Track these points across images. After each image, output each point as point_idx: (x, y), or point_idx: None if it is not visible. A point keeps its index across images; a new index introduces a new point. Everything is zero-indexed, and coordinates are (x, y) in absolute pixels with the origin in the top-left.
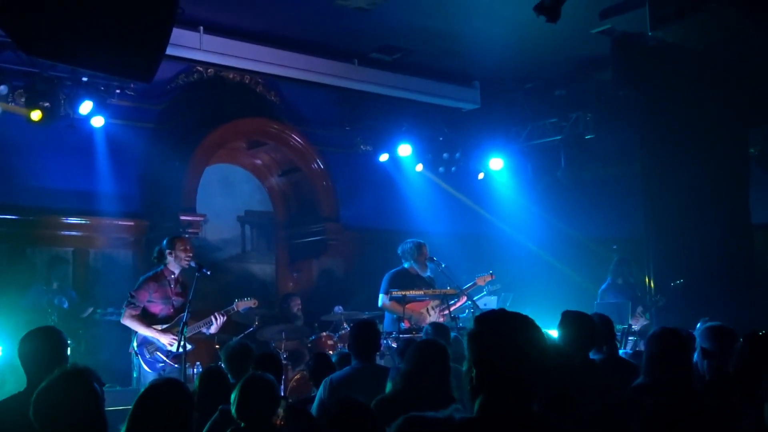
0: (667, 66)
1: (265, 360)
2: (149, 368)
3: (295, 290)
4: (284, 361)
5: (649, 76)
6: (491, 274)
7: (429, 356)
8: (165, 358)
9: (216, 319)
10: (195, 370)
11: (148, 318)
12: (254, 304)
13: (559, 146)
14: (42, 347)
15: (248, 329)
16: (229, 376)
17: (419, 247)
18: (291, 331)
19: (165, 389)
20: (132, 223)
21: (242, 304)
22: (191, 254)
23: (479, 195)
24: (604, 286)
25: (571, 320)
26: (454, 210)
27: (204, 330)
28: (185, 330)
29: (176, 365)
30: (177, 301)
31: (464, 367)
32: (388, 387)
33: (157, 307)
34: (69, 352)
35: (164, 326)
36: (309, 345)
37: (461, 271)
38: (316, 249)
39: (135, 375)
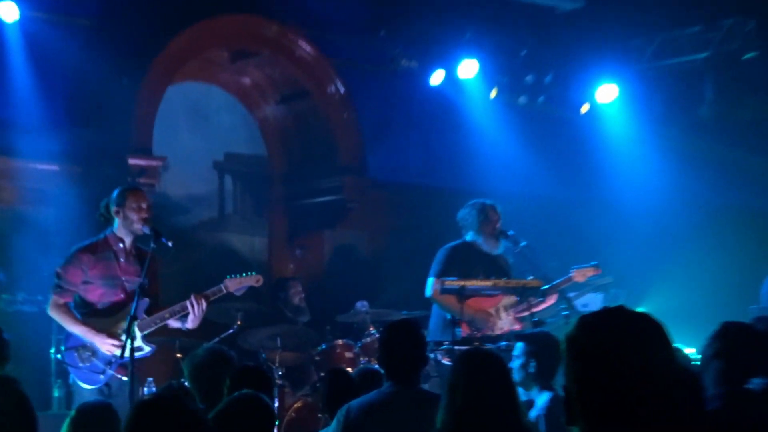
0: None
1: (247, 377)
2: (84, 382)
3: (298, 275)
4: (278, 380)
5: None
6: (596, 266)
7: (482, 375)
8: (107, 368)
9: (193, 306)
10: (145, 389)
11: (85, 308)
12: (257, 282)
13: (704, 69)
14: None
15: (226, 331)
16: (196, 399)
17: (487, 210)
18: (290, 335)
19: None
20: (56, 168)
21: (236, 283)
22: (147, 215)
23: (580, 139)
24: None
25: (732, 336)
26: (540, 161)
27: (176, 324)
28: (134, 328)
29: (124, 377)
30: (131, 282)
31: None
32: (438, 422)
33: (97, 292)
34: None
35: (109, 320)
36: (317, 358)
37: (550, 254)
38: (330, 215)
39: (57, 394)
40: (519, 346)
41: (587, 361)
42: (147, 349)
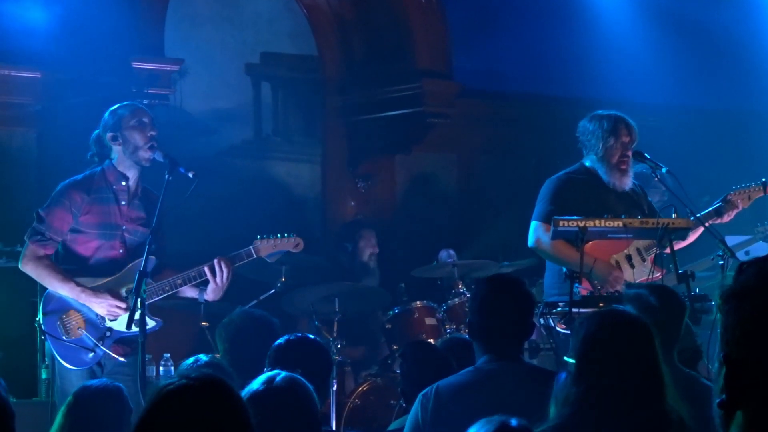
0: None
1: (297, 351)
2: (68, 361)
3: (363, 215)
4: (336, 357)
5: None
6: (764, 185)
7: (621, 345)
8: (98, 343)
9: (216, 272)
10: (159, 369)
11: (71, 264)
12: (297, 246)
13: None
14: None
15: (267, 292)
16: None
17: (618, 126)
18: (352, 295)
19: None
20: (38, 76)
21: (269, 246)
22: (154, 132)
23: (736, 33)
24: None
25: None
26: (685, 64)
27: (191, 293)
28: (143, 290)
29: (121, 358)
30: (133, 233)
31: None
32: (552, 410)
33: (90, 244)
34: None
35: (104, 280)
36: (388, 326)
37: (699, 186)
38: (404, 133)
39: (44, 376)
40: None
41: (747, 325)
42: (152, 323)
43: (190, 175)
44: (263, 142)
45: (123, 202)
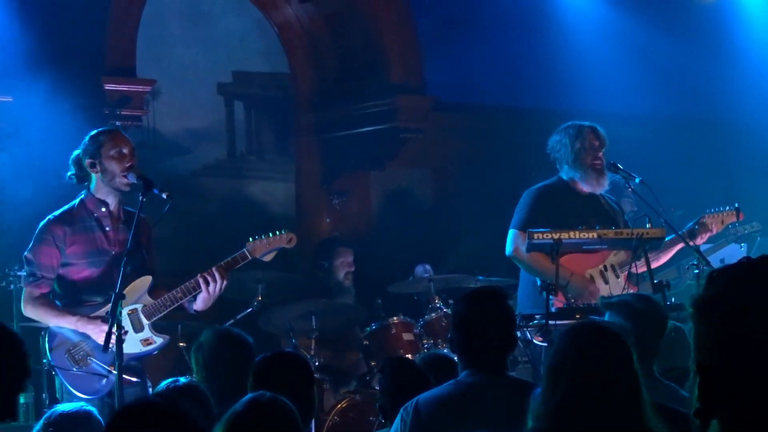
0: None
1: (278, 368)
2: (82, 392)
3: (339, 232)
4: (315, 374)
5: None
6: (737, 210)
7: (594, 357)
8: (110, 369)
9: (208, 282)
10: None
11: (69, 298)
12: (290, 241)
13: None
14: None
15: (243, 311)
16: (211, 401)
17: (584, 135)
18: (330, 313)
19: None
20: (9, 100)
21: (263, 246)
22: (131, 162)
23: (707, 40)
24: None
25: None
26: (654, 71)
27: (185, 305)
28: (120, 310)
29: (134, 378)
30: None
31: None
32: (530, 421)
33: (84, 274)
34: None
35: (105, 309)
36: (366, 342)
37: (672, 195)
38: (378, 149)
39: (22, 400)
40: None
41: (724, 330)
42: (159, 341)
43: (164, 195)
44: (237, 161)
45: (107, 228)
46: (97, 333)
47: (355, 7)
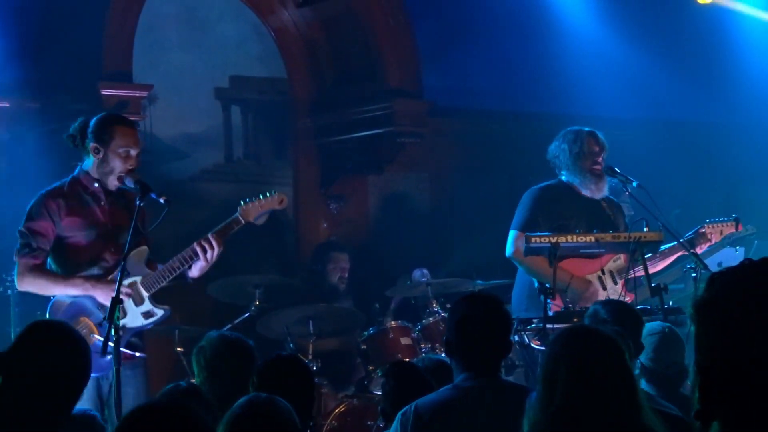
0: None
1: (279, 371)
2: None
3: (336, 236)
4: (314, 378)
5: None
6: (736, 221)
7: (590, 362)
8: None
9: (206, 248)
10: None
11: (65, 267)
12: (281, 203)
13: None
14: None
15: (241, 316)
16: (214, 406)
17: (583, 140)
18: (327, 317)
19: None
20: (6, 105)
21: (254, 209)
22: (134, 165)
23: (707, 43)
24: None
25: None
26: (655, 75)
27: (185, 271)
28: (122, 279)
29: (138, 353)
30: (120, 229)
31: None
32: (525, 425)
33: (81, 246)
34: None
35: (97, 277)
36: (363, 347)
37: (671, 198)
38: (375, 154)
39: None
40: None
41: (736, 327)
42: (159, 312)
43: (162, 200)
44: (234, 165)
45: (102, 203)
46: (105, 293)
47: (352, 12)
